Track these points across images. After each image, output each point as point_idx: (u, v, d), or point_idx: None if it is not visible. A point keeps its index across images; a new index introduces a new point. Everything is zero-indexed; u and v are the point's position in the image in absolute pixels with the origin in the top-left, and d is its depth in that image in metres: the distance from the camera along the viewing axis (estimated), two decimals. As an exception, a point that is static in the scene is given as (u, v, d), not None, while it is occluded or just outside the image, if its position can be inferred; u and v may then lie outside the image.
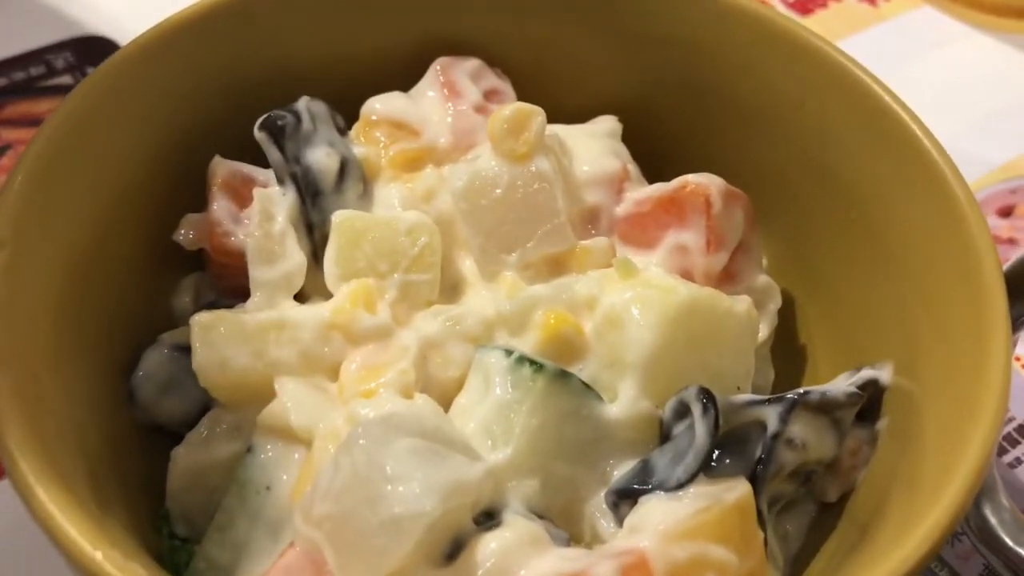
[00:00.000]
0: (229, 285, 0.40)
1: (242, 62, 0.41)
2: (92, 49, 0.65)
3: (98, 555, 0.25)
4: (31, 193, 0.34)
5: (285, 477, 0.34)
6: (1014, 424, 0.50)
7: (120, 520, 0.33)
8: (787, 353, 0.42)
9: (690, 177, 0.39)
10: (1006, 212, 0.60)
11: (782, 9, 0.72)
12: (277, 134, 0.38)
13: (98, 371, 0.37)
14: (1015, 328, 0.33)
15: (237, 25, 0.41)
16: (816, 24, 0.71)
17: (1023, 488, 0.47)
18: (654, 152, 0.44)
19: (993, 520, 0.39)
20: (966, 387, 0.31)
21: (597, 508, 0.35)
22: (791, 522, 0.38)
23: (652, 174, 0.43)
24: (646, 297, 0.35)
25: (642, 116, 0.45)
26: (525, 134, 0.38)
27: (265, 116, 0.39)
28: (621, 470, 0.35)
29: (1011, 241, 0.58)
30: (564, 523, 0.35)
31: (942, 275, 0.34)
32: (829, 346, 0.41)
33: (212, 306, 0.41)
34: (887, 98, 0.37)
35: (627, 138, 0.44)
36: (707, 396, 0.33)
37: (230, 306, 0.39)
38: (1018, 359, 0.52)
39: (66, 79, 0.63)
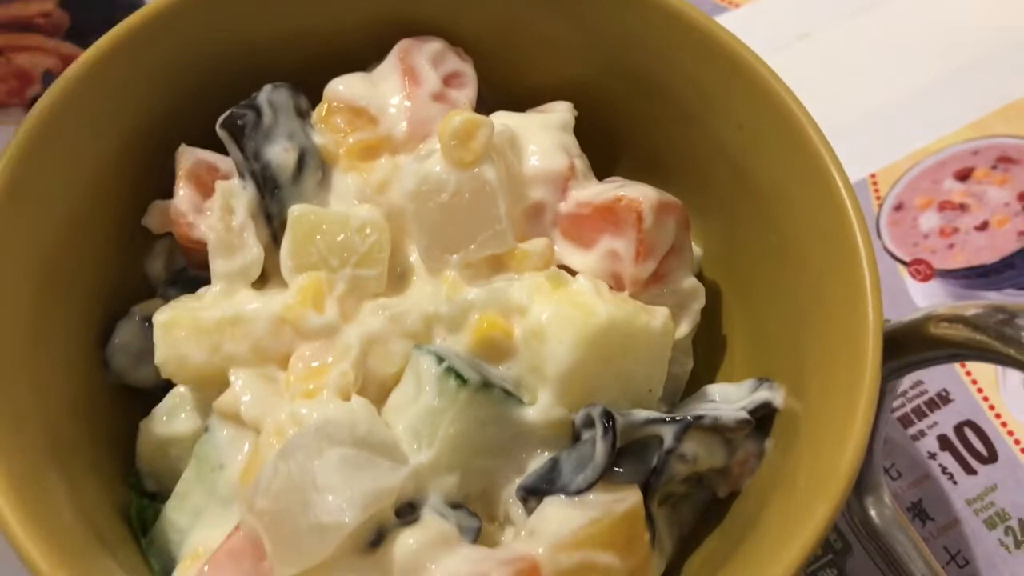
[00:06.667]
0: (195, 260, 0.44)
1: (210, 45, 0.43)
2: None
3: None
4: (9, 187, 0.37)
5: (239, 458, 0.39)
6: (925, 397, 0.54)
7: (84, 482, 0.38)
8: (710, 343, 0.46)
9: (624, 190, 0.42)
10: (964, 175, 0.61)
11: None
12: (237, 133, 0.41)
13: (74, 340, 0.41)
14: (888, 379, 0.37)
15: (206, 9, 0.42)
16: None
17: (920, 460, 0.52)
18: (605, 139, 0.46)
19: (873, 513, 0.44)
20: (837, 428, 0.35)
21: (511, 495, 0.40)
22: (685, 506, 0.42)
23: (602, 162, 0.45)
24: (567, 316, 0.39)
25: (596, 104, 0.46)
26: (472, 143, 0.41)
27: (227, 114, 0.41)
28: (536, 461, 0.40)
29: (963, 207, 0.60)
30: (481, 507, 0.40)
31: (833, 314, 0.38)
32: (745, 343, 0.45)
33: (181, 273, 0.45)
34: (812, 133, 0.39)
35: (580, 124, 0.46)
36: (609, 418, 0.37)
37: (197, 277, 0.43)
38: (942, 334, 0.56)
39: (55, -21, 0.64)
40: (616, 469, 0.38)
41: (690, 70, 0.42)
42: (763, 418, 0.40)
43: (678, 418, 0.38)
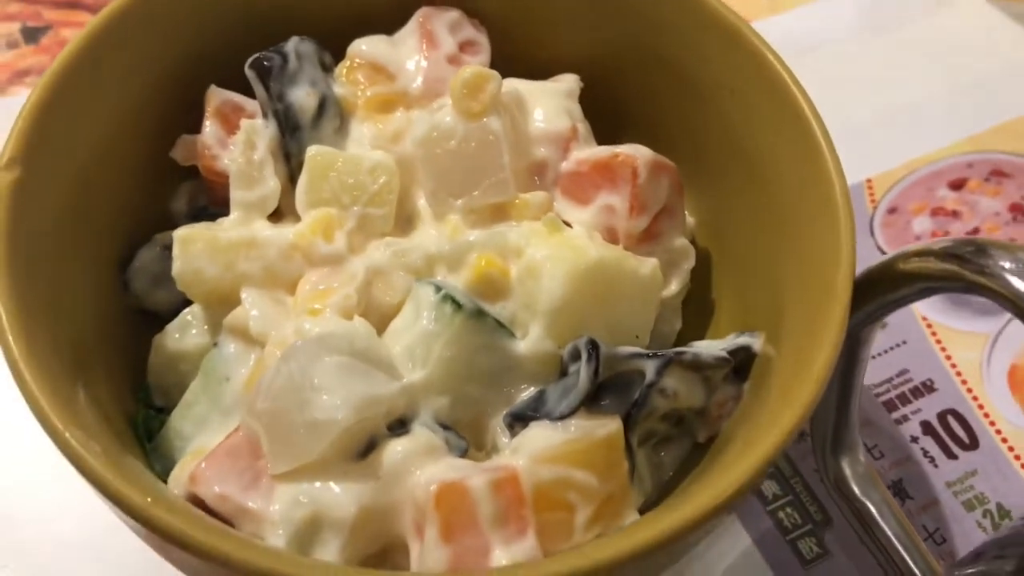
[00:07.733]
0: (218, 196, 0.46)
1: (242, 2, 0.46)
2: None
3: (66, 434, 0.33)
4: (42, 116, 0.40)
5: (243, 371, 0.41)
6: (909, 385, 0.55)
7: (99, 392, 0.40)
8: (698, 306, 0.48)
9: (621, 148, 0.44)
10: (958, 185, 0.64)
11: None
12: (264, 74, 0.44)
13: (98, 263, 0.44)
14: (863, 325, 0.39)
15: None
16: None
17: (903, 443, 0.53)
18: (607, 112, 0.49)
19: (848, 472, 0.45)
20: (802, 367, 0.37)
21: (499, 424, 0.42)
22: (667, 453, 0.44)
23: (605, 131, 0.48)
24: (560, 255, 0.41)
25: (601, 77, 0.49)
26: (480, 95, 0.44)
27: (255, 56, 0.44)
28: (524, 395, 0.42)
29: (955, 214, 0.62)
30: (470, 434, 0.41)
31: (811, 268, 0.40)
32: (731, 305, 0.47)
33: (203, 211, 0.47)
34: (799, 97, 0.42)
35: (586, 95, 0.49)
36: (593, 347, 0.39)
37: (218, 213, 0.46)
38: (929, 325, 0.57)
39: (106, -36, 0.68)
40: (601, 403, 0.40)
41: (689, 40, 0.45)
42: (743, 364, 0.42)
43: (660, 353, 0.40)
